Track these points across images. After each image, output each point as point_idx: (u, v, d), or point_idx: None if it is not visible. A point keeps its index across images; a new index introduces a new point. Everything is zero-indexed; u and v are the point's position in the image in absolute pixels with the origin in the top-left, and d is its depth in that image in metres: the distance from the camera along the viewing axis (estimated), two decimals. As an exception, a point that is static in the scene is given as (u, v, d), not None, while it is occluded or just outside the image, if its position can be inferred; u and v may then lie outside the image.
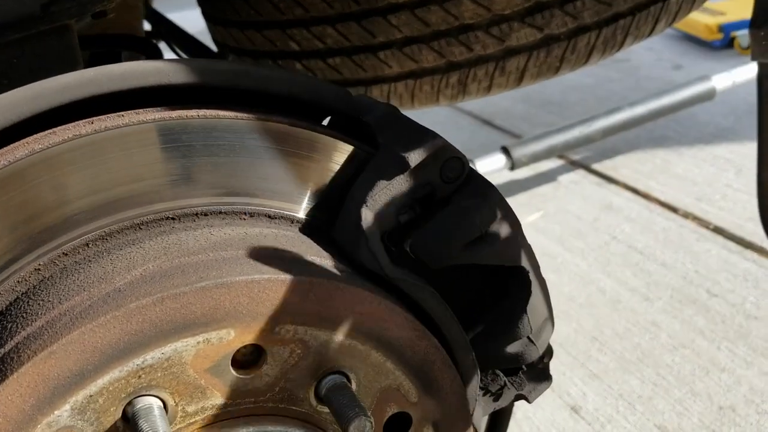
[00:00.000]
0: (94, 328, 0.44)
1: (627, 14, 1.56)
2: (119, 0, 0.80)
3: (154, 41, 1.48)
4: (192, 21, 2.33)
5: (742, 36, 4.01)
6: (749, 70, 3.03)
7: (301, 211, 0.59)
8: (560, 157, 2.93)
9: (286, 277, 0.49)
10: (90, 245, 0.52)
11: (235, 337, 0.48)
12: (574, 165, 3.00)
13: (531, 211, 2.53)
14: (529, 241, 0.64)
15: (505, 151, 2.45)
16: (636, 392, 1.80)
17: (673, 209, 2.55)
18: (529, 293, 0.63)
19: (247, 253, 0.50)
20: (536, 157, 2.50)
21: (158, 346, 0.46)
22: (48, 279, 0.51)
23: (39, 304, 0.48)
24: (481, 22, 1.52)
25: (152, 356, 0.46)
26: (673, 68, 4.00)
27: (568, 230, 2.38)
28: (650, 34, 1.67)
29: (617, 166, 3.08)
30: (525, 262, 0.62)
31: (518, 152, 2.44)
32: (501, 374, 0.68)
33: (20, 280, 0.50)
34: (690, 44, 4.11)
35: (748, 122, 3.39)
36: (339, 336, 0.52)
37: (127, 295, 0.46)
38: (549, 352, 0.69)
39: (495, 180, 2.45)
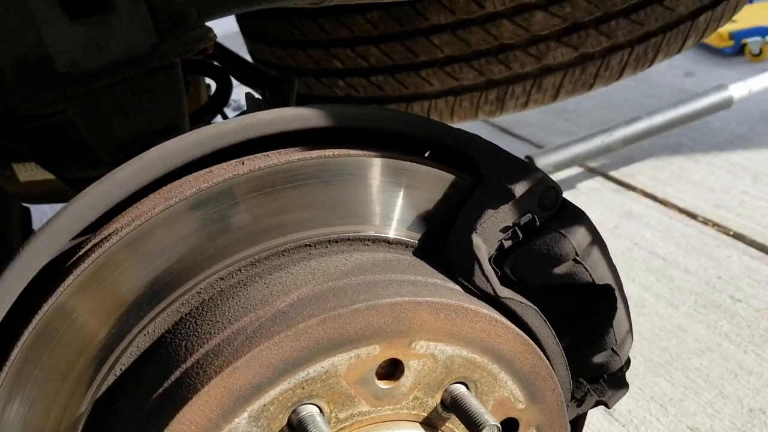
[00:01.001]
0: (270, 345, 0.51)
1: (658, 32, 1.62)
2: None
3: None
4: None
5: (753, 43, 4.07)
6: (765, 79, 3.10)
7: (412, 237, 0.65)
8: (579, 165, 2.99)
9: (422, 300, 0.55)
10: (242, 270, 0.59)
11: (380, 353, 0.55)
12: (593, 172, 3.07)
13: (553, 219, 2.60)
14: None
15: (530, 160, 2.52)
16: (667, 395, 1.86)
17: (692, 216, 2.61)
18: (615, 308, 0.69)
19: (385, 277, 0.57)
20: (559, 166, 2.57)
21: (319, 360, 0.53)
22: (208, 301, 0.57)
23: (209, 324, 0.55)
24: (519, 42, 1.59)
25: (314, 369, 0.53)
26: (685, 75, 4.07)
27: (591, 237, 2.45)
28: (679, 50, 1.73)
29: (634, 173, 3.15)
30: (611, 280, 0.69)
31: (542, 161, 2.51)
32: (584, 382, 0.74)
33: (183, 302, 0.57)
34: (701, 51, 4.17)
35: (762, 129, 3.47)
36: (462, 350, 0.58)
37: (292, 316, 0.53)
38: (627, 362, 0.76)
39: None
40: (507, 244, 0.65)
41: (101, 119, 0.81)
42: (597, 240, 0.67)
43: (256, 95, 0.94)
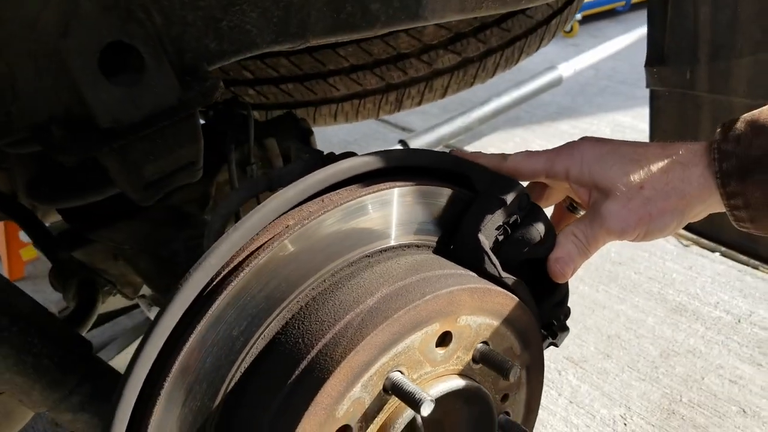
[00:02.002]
0: (377, 333, 0.71)
1: (522, 37, 1.94)
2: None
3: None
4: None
5: (567, 22, 4.68)
6: (585, 59, 3.62)
7: (431, 240, 0.87)
8: (443, 144, 3.33)
9: (464, 287, 0.78)
10: (326, 281, 0.77)
11: (439, 328, 0.77)
12: (450, 148, 3.40)
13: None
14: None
15: (404, 144, 2.79)
16: (544, 335, 2.25)
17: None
18: (566, 274, 0.96)
19: (432, 273, 0.79)
20: (428, 147, 2.87)
21: (404, 339, 0.74)
22: (305, 306, 0.76)
23: (317, 323, 0.73)
24: (414, 51, 1.83)
25: (401, 346, 0.73)
26: (513, 52, 4.56)
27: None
28: (537, 49, 2.06)
29: (485, 146, 3.55)
30: (561, 255, 0.96)
31: (414, 143, 2.79)
32: (541, 328, 1.01)
33: (288, 309, 0.75)
34: (525, 31, 4.65)
35: (581, 100, 4.03)
36: (486, 319, 0.82)
37: (384, 310, 0.73)
38: (568, 312, 1.04)
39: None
40: (500, 238, 0.89)
41: (135, 164, 0.93)
42: (550, 227, 0.93)
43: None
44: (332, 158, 0.86)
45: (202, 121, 1.49)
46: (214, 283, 0.71)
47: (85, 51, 0.84)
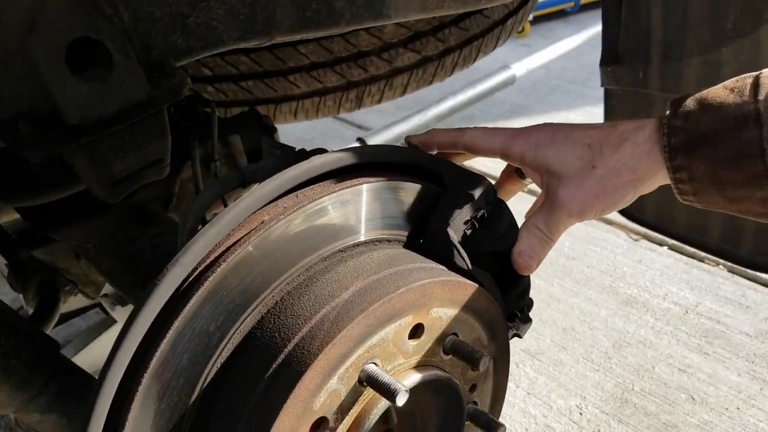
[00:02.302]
0: (353, 325, 0.72)
1: (480, 36, 1.97)
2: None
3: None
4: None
5: (519, 22, 4.78)
6: (538, 59, 3.70)
7: (401, 234, 0.89)
8: (401, 142, 3.35)
9: (436, 280, 0.80)
10: (300, 275, 0.78)
11: (412, 320, 0.79)
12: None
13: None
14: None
15: (361, 141, 2.81)
16: (502, 329, 2.30)
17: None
18: (529, 266, 0.99)
19: (404, 267, 0.81)
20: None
21: (379, 331, 0.75)
22: (281, 301, 0.76)
23: (293, 317, 0.74)
24: (374, 49, 1.85)
25: (376, 338, 0.75)
26: (466, 51, 4.62)
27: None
28: (494, 48, 2.10)
29: (441, 143, 3.58)
30: (525, 248, 0.99)
31: (371, 141, 2.81)
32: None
33: (263, 304, 0.76)
34: (478, 30, 4.72)
35: (533, 98, 4.12)
36: (456, 310, 0.84)
37: (359, 303, 0.74)
38: (531, 303, 1.07)
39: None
40: (468, 232, 0.91)
41: (103, 161, 0.93)
42: (512, 221, 0.96)
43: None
44: (304, 155, 0.87)
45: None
46: (191, 279, 0.71)
47: (51, 47, 0.83)
